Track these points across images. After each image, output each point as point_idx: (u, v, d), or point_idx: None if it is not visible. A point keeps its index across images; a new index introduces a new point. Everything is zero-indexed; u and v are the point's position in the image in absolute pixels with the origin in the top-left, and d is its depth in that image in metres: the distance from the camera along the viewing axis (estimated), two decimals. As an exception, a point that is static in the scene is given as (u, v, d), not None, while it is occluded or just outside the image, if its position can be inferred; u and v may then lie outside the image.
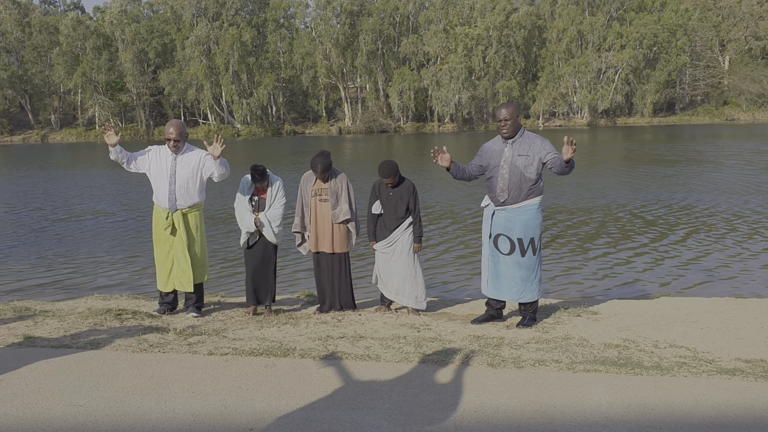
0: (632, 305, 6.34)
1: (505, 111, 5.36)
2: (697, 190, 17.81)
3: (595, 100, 65.59)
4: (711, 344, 4.83)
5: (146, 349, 4.78)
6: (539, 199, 5.44)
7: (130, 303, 6.60)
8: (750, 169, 22.67)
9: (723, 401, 3.73)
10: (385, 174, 5.98)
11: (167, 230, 5.91)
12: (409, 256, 6.06)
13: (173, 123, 5.88)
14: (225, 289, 8.43)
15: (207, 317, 6.02)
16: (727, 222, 12.99)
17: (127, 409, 3.67)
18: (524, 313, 5.60)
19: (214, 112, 69.51)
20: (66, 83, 67.20)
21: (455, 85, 63.77)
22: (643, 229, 12.53)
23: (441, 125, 67.27)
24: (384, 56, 69.03)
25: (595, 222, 13.49)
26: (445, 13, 67.58)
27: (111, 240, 12.65)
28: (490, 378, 4.12)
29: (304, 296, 7.19)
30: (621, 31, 65.50)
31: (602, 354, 4.59)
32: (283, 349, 4.77)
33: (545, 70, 67.68)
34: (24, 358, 4.55)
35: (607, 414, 3.57)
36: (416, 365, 4.39)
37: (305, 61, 67.21)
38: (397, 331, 5.33)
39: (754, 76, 67.31)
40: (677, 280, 8.88)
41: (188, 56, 66.65)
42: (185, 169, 5.88)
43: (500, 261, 5.51)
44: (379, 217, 6.13)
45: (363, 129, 65.97)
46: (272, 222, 6.12)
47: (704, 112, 68.60)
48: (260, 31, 70.51)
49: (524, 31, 65.69)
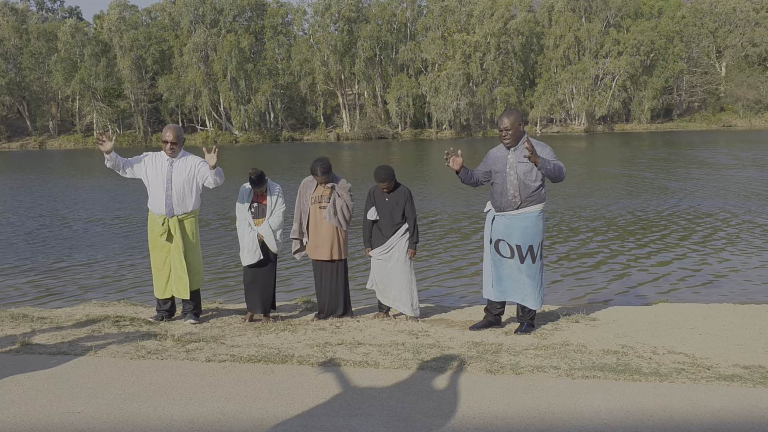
0: (630, 311, 6.34)
1: (506, 120, 5.36)
2: (696, 196, 17.84)
3: (592, 106, 65.70)
4: (709, 350, 4.83)
5: (144, 355, 4.77)
6: (540, 206, 5.43)
7: (128, 310, 6.58)
8: (747, 174, 22.71)
9: (721, 407, 3.72)
10: (380, 178, 5.98)
11: (163, 236, 5.90)
12: (406, 263, 6.05)
13: (170, 127, 5.93)
14: (223, 295, 8.42)
15: (205, 324, 6.01)
16: (725, 228, 13.01)
17: (125, 416, 3.66)
18: (523, 320, 5.59)
19: (212, 119, 69.54)
20: (64, 90, 67.17)
21: (453, 91, 63.87)
22: (640, 236, 12.54)
23: (439, 132, 67.32)
24: (382, 63, 69.12)
25: (593, 228, 13.50)
26: (443, 20, 67.70)
27: (108, 247, 12.64)
28: (488, 384, 4.12)
29: (302, 303, 7.18)
30: (618, 37, 65.67)
31: (601, 360, 4.59)
32: (281, 355, 4.76)
33: (543, 77, 67.80)
34: (21, 365, 4.53)
35: (605, 420, 3.56)
36: (415, 372, 4.38)
37: (303, 68, 67.27)
38: (396, 337, 5.32)
39: (751, 83, 67.48)
40: (675, 286, 8.89)
41: (186, 63, 66.70)
42: (181, 174, 5.89)
43: (503, 264, 5.51)
44: (375, 224, 6.12)
45: (361, 135, 66.00)
46: (273, 230, 6.13)
47: (701, 118, 68.75)
48: (258, 38, 70.55)
49: (522, 37, 65.80)
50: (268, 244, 6.13)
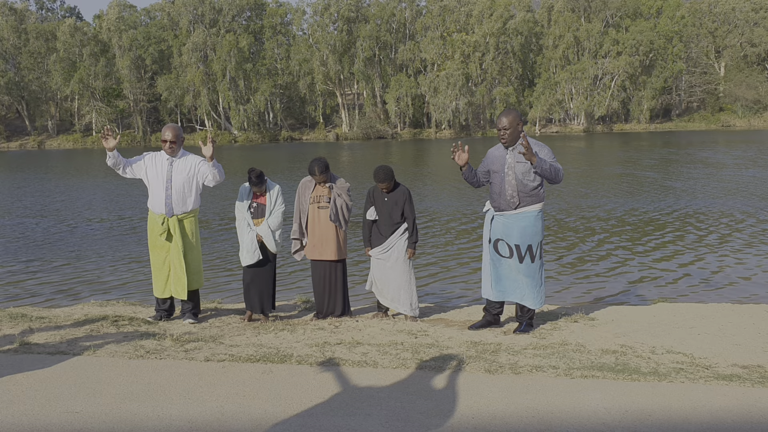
0: (629, 311, 6.35)
1: (505, 120, 5.37)
2: (694, 196, 17.85)
3: (591, 106, 65.74)
4: (708, 350, 4.84)
5: (143, 355, 4.77)
6: (539, 206, 5.43)
7: (127, 309, 6.58)
8: (747, 174, 22.73)
9: (720, 407, 3.73)
10: (380, 178, 5.98)
11: (163, 236, 5.90)
12: (405, 263, 6.05)
13: (169, 126, 5.92)
14: (222, 295, 8.42)
15: (204, 324, 6.01)
16: (723, 228, 13.02)
17: (124, 416, 3.66)
18: (521, 319, 5.59)
19: (211, 119, 69.50)
20: (63, 90, 67.06)
21: (452, 91, 63.87)
22: (639, 236, 12.54)
23: (438, 131, 67.32)
24: (381, 63, 69.11)
25: (591, 228, 13.50)
26: (442, 20, 67.72)
27: (107, 246, 12.63)
28: (487, 384, 4.12)
29: (301, 302, 7.18)
30: (617, 37, 65.73)
31: (599, 360, 4.59)
32: (280, 355, 4.76)
33: (542, 77, 67.82)
34: (20, 364, 4.53)
35: (604, 420, 3.56)
36: (413, 371, 4.38)
37: (302, 68, 67.25)
38: (395, 337, 5.32)
39: (750, 83, 67.57)
40: (674, 286, 8.89)
41: (185, 63, 66.65)
42: (181, 174, 5.88)
43: (502, 264, 5.51)
44: (374, 223, 6.12)
45: (360, 135, 65.98)
46: (273, 230, 6.12)
47: (700, 118, 68.81)
48: (257, 38, 70.53)
49: (521, 37, 65.82)
50: (267, 245, 6.13)
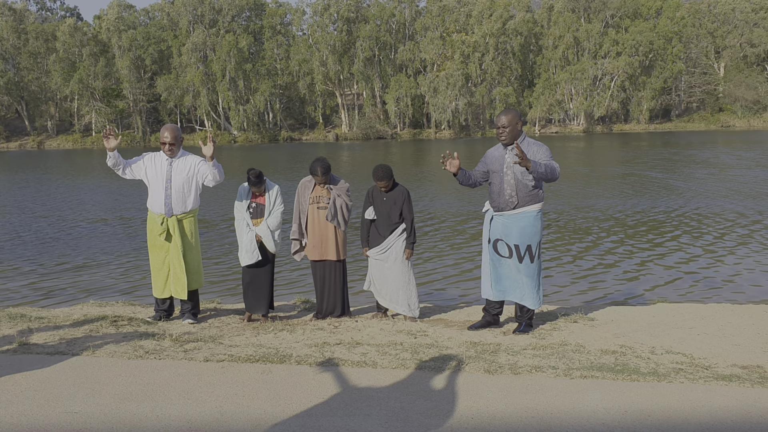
0: (629, 311, 6.35)
1: (504, 118, 5.37)
2: (693, 196, 17.85)
3: (591, 106, 65.76)
4: (707, 350, 4.84)
5: (142, 355, 4.76)
6: (539, 206, 5.43)
7: (126, 309, 6.58)
8: (746, 174, 22.73)
9: (720, 407, 3.72)
10: (379, 177, 5.98)
11: (162, 236, 5.89)
12: (403, 263, 6.05)
13: (168, 127, 5.90)
14: (221, 295, 8.41)
15: (203, 324, 6.01)
16: (723, 228, 13.02)
17: (123, 416, 3.66)
18: (521, 320, 5.59)
19: (211, 119, 69.48)
20: (62, 90, 67.01)
21: (452, 91, 63.88)
22: (639, 236, 12.54)
23: (438, 132, 67.32)
24: (381, 63, 69.10)
25: (591, 228, 13.50)
26: (442, 20, 67.73)
27: (106, 246, 12.62)
28: (486, 384, 4.11)
29: (300, 303, 7.18)
30: (617, 38, 65.74)
31: (599, 360, 4.59)
32: (279, 355, 4.76)
33: (542, 77, 67.84)
34: (19, 364, 4.53)
35: (604, 420, 3.56)
36: (413, 372, 4.38)
37: (302, 68, 67.24)
38: (394, 337, 5.32)
39: (749, 83, 67.60)
40: (674, 286, 8.90)
41: (185, 63, 66.62)
42: (181, 174, 5.88)
43: (502, 264, 5.51)
44: (372, 223, 6.12)
45: (360, 136, 65.98)
46: (272, 230, 6.12)
47: (700, 118, 68.85)
48: (257, 38, 70.50)
49: (521, 37, 65.85)
50: (266, 245, 6.13)
